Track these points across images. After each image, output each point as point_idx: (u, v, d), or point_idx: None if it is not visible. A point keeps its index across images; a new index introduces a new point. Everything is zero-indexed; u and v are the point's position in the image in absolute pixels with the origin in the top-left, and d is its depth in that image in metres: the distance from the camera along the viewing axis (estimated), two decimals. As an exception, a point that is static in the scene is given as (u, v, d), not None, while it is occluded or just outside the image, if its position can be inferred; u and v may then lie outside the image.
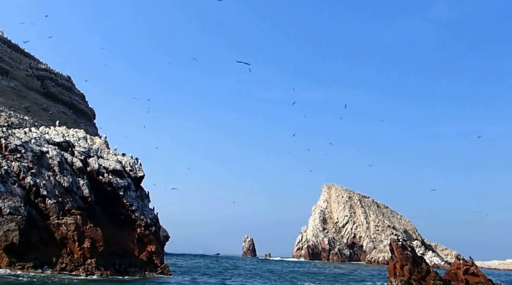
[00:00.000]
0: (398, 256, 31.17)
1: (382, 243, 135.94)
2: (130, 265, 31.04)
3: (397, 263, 31.07)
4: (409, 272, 30.25)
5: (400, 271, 30.72)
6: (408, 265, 30.56)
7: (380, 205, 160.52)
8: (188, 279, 30.60)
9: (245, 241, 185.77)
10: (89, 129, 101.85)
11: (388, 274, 32.19)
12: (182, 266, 50.57)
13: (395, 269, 31.15)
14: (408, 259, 30.77)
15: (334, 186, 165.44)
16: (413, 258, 31.08)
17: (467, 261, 33.15)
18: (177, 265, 50.01)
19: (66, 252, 28.05)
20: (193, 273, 38.43)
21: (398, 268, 30.90)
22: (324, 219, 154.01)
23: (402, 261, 30.81)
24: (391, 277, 31.32)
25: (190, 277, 34.19)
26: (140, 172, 35.58)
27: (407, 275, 30.22)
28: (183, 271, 40.75)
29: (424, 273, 30.75)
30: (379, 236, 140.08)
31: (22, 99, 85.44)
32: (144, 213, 33.67)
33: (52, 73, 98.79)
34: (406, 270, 30.42)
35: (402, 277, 30.33)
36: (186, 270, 42.51)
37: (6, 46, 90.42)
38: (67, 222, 28.66)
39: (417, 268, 30.79)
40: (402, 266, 30.71)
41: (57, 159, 31.89)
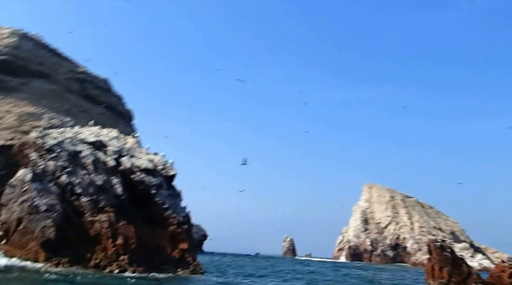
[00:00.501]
0: (436, 257, 30.41)
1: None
2: (162, 263, 31.73)
3: (436, 265, 30.31)
4: (449, 274, 29.35)
5: (438, 273, 29.92)
6: (448, 267, 29.64)
7: (424, 205, 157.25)
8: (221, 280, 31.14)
9: (285, 241, 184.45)
10: (127, 130, 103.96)
11: (426, 275, 31.58)
12: (217, 265, 51.11)
13: (433, 271, 30.46)
14: (448, 261, 29.86)
15: (375, 185, 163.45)
16: (452, 259, 30.22)
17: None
18: (213, 264, 50.63)
19: (100, 248, 29.06)
20: (227, 273, 38.99)
21: (437, 269, 30.10)
22: (365, 219, 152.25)
23: (441, 262, 29.97)
24: (429, 279, 30.60)
25: (223, 276, 34.75)
26: (172, 171, 36.39)
27: (447, 277, 29.36)
28: (218, 270, 41.36)
29: (465, 275, 29.79)
30: (424, 237, 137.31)
31: (63, 102, 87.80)
32: (176, 211, 34.41)
33: (90, 76, 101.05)
34: (445, 272, 29.53)
35: (441, 280, 29.53)
36: (221, 269, 43.06)
37: (46, 51, 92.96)
38: (101, 219, 29.72)
39: (457, 270, 29.82)
40: (441, 268, 29.87)
41: (91, 158, 33.06)
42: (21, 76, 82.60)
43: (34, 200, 28.49)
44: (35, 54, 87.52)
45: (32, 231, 27.78)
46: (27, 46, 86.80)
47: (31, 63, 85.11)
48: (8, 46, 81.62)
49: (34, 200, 28.52)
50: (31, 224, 27.90)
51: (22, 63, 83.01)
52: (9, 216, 28.91)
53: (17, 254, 27.68)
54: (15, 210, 28.78)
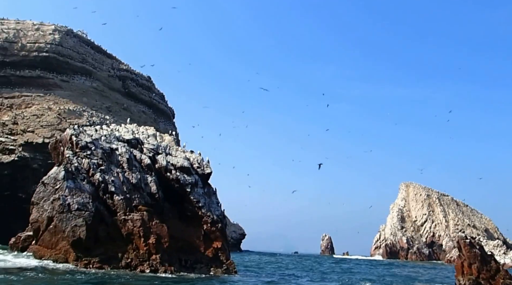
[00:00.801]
0: (465, 254, 29.42)
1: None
2: (196, 261, 30.68)
3: (465, 261, 29.31)
4: (478, 271, 28.41)
5: (468, 269, 28.95)
6: (477, 263, 28.71)
7: (459, 203, 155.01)
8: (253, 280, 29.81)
9: (323, 240, 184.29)
10: (168, 128, 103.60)
11: (455, 272, 30.50)
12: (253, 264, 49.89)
13: (462, 268, 29.43)
14: (477, 257, 28.90)
15: (412, 184, 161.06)
16: (481, 256, 29.19)
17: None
18: (249, 264, 49.39)
19: (132, 247, 28.03)
20: (261, 273, 37.74)
21: (466, 266, 29.14)
22: (402, 217, 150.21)
23: (470, 259, 29.03)
24: (458, 276, 29.54)
25: (256, 276, 33.52)
26: (208, 169, 35.22)
27: (475, 273, 28.42)
28: (253, 270, 40.19)
29: (494, 271, 28.72)
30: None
31: (104, 99, 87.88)
32: (211, 209, 33.26)
33: (133, 74, 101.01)
34: (474, 268, 28.60)
35: (470, 276, 28.55)
36: (256, 269, 41.86)
37: (89, 48, 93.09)
38: (134, 218, 28.66)
39: (486, 266, 28.91)
40: (470, 265, 28.92)
41: (126, 156, 32.06)
42: (63, 73, 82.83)
43: (66, 199, 27.50)
44: (77, 51, 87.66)
45: (62, 230, 26.81)
46: (70, 43, 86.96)
47: (73, 60, 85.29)
48: (50, 43, 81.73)
49: (66, 198, 27.54)
50: (61, 223, 26.92)
51: (64, 60, 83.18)
52: (39, 215, 28.00)
53: (46, 254, 26.84)
54: (46, 209, 27.85)
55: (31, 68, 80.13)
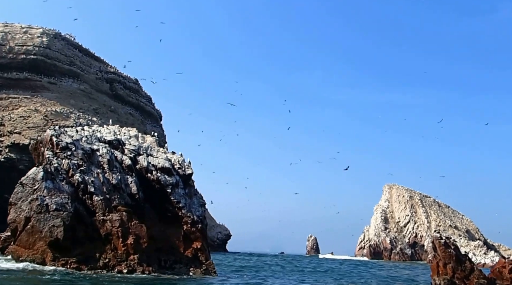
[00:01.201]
0: (440, 254, 29.39)
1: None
2: (175, 262, 30.28)
3: (440, 261, 29.25)
4: (452, 271, 28.37)
5: (443, 269, 28.88)
6: (451, 263, 28.66)
7: (441, 205, 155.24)
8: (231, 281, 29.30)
9: (309, 240, 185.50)
10: (155, 130, 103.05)
11: (431, 272, 30.43)
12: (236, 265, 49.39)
13: (438, 268, 29.37)
14: (451, 257, 28.86)
15: (395, 185, 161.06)
16: (456, 256, 29.16)
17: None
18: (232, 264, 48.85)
19: (110, 248, 27.58)
20: (241, 274, 37.31)
21: (441, 266, 29.07)
22: (385, 218, 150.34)
23: (445, 259, 28.98)
24: (434, 276, 29.48)
25: (236, 277, 33.09)
26: (189, 170, 34.81)
27: (450, 273, 28.34)
28: (234, 271, 39.78)
29: (468, 271, 28.68)
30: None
31: (91, 101, 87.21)
32: (192, 210, 32.85)
33: (120, 76, 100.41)
34: (449, 268, 28.53)
35: (445, 276, 28.47)
36: (238, 270, 41.39)
37: (77, 51, 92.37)
38: (112, 218, 28.19)
39: (461, 266, 28.89)
40: (445, 265, 28.87)
41: (107, 157, 31.56)
42: (51, 75, 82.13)
43: (44, 199, 26.98)
44: (65, 54, 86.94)
45: (40, 230, 26.29)
46: (58, 46, 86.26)
47: (61, 63, 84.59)
48: (38, 46, 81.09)
49: (44, 198, 27.01)
50: (39, 224, 26.38)
51: (52, 63, 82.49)
52: (17, 215, 27.46)
53: (24, 254, 26.29)
54: (23, 209, 27.31)
55: (19, 70, 79.43)
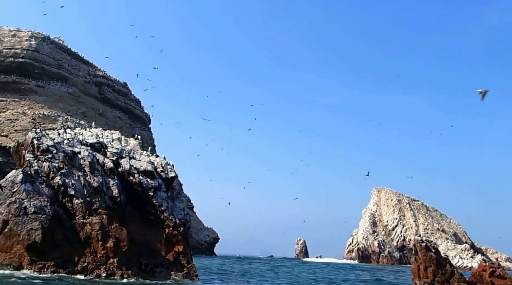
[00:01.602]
0: (421, 257, 29.64)
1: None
2: (156, 265, 30.01)
3: (421, 265, 29.53)
4: (433, 274, 28.85)
5: (424, 273, 29.16)
6: (432, 266, 29.06)
7: (429, 208, 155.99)
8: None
9: (298, 244, 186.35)
10: (144, 134, 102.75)
11: (412, 276, 30.49)
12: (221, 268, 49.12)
13: (419, 271, 29.53)
14: (432, 261, 29.24)
15: (383, 189, 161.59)
16: (437, 259, 29.47)
17: (493, 263, 31.26)
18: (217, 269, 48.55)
19: (89, 251, 27.29)
20: (223, 277, 37.07)
21: (422, 269, 29.34)
22: (374, 221, 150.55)
23: (426, 262, 29.32)
24: (415, 279, 29.76)
25: (219, 282, 32.86)
26: (172, 173, 34.55)
27: (431, 277, 28.79)
28: (217, 274, 39.54)
29: (448, 274, 29.26)
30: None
31: (79, 105, 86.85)
32: (174, 213, 32.57)
33: (109, 80, 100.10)
34: (429, 271, 28.94)
35: (426, 279, 28.84)
36: (223, 274, 41.09)
37: (66, 54, 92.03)
38: (92, 221, 27.91)
39: (441, 269, 29.18)
40: (426, 268, 29.16)
41: (88, 160, 31.25)
42: (39, 78, 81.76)
43: (22, 202, 26.66)
44: (54, 57, 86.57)
45: (17, 233, 25.94)
46: (47, 49, 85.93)
47: (50, 66, 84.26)
48: (26, 49, 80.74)
49: (23, 201, 26.69)
50: (17, 227, 26.05)
51: (40, 66, 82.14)
52: (-6, 218, 27.07)
53: (1, 258, 25.86)
54: (1, 212, 26.91)
55: (7, 73, 79.00)
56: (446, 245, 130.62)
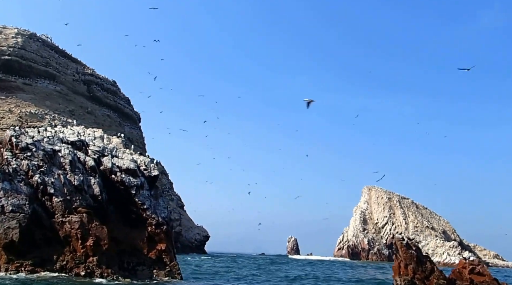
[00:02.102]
0: (402, 255, 29.38)
1: (420, 243, 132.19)
2: (138, 264, 29.64)
3: (402, 262, 29.26)
4: (413, 271, 28.45)
5: (404, 270, 28.92)
6: (412, 264, 28.72)
7: (419, 206, 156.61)
8: None
9: (289, 241, 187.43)
10: (133, 132, 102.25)
11: (393, 273, 30.34)
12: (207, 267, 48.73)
13: (399, 268, 29.36)
14: (412, 258, 28.92)
15: (374, 187, 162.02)
16: (417, 257, 29.24)
17: (473, 260, 31.09)
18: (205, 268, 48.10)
19: (69, 250, 26.82)
20: (209, 276, 36.74)
21: (402, 267, 29.10)
22: (364, 219, 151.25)
23: (406, 260, 29.01)
24: (396, 276, 29.47)
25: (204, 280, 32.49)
26: (155, 171, 34.17)
27: (411, 274, 28.39)
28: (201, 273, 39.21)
29: (428, 272, 28.72)
30: (418, 237, 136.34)
31: (67, 103, 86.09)
32: (157, 211, 32.20)
33: (98, 78, 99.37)
34: (410, 269, 28.60)
35: (406, 276, 28.51)
36: (209, 273, 40.68)
37: (53, 52, 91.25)
38: (72, 220, 27.44)
39: (421, 267, 28.97)
40: (406, 265, 28.92)
41: (69, 158, 30.77)
42: (26, 76, 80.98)
43: (0, 200, 26.14)
44: (41, 55, 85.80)
45: (-6, 232, 25.46)
46: (34, 47, 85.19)
47: (37, 64, 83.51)
48: (13, 47, 79.90)
49: (0, 200, 26.23)
50: (-7, 226, 25.57)
51: (27, 64, 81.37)
52: (-30, 217, 26.57)
53: (-24, 257, 25.41)
54: (-23, 211, 26.42)
55: (-7, 71, 78.15)
56: (435, 242, 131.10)
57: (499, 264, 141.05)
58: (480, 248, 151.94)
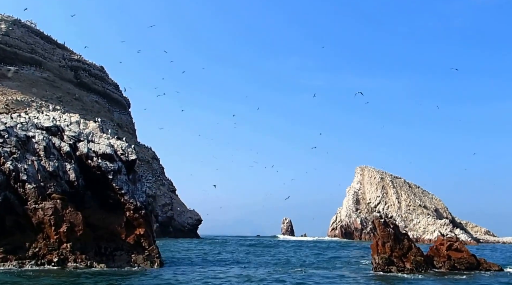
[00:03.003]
0: (380, 233, 29.51)
1: (412, 222, 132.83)
2: (116, 249, 29.34)
3: (379, 241, 29.28)
4: (391, 249, 28.72)
5: (382, 248, 28.97)
6: (390, 242, 28.97)
7: (411, 185, 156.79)
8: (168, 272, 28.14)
9: (284, 223, 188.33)
10: (123, 118, 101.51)
11: (372, 251, 30.21)
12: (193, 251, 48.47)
13: (377, 247, 29.28)
14: (390, 236, 29.13)
15: (367, 167, 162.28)
16: (395, 235, 29.40)
17: (451, 237, 32.05)
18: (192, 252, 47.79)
19: (42, 237, 26.44)
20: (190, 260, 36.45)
21: (380, 245, 29.14)
22: (357, 199, 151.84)
23: (384, 238, 29.19)
24: (374, 255, 29.68)
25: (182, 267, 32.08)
26: (133, 156, 33.64)
27: (389, 252, 28.74)
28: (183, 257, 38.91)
29: (406, 249, 29.06)
30: (410, 215, 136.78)
31: (54, 90, 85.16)
32: (135, 196, 31.77)
33: (85, 64, 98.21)
34: (387, 247, 28.89)
35: (384, 254, 28.61)
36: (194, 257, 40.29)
37: (39, 38, 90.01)
38: (45, 207, 26.98)
39: (399, 245, 29.13)
40: (384, 243, 28.97)
41: (43, 144, 30.21)
42: (11, 63, 79.88)
43: (-31, 188, 25.67)
44: (26, 41, 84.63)
45: (-37, 220, 25.00)
46: (18, 33, 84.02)
47: (22, 51, 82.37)
48: (-4, 34, 78.75)
49: (-30, 188, 25.70)
50: (-37, 214, 25.11)
51: (12, 51, 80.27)
52: None
53: None
54: None
55: (-23, 59, 77.14)
56: (426, 221, 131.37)
57: (490, 240, 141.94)
58: (472, 225, 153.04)
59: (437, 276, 26.55)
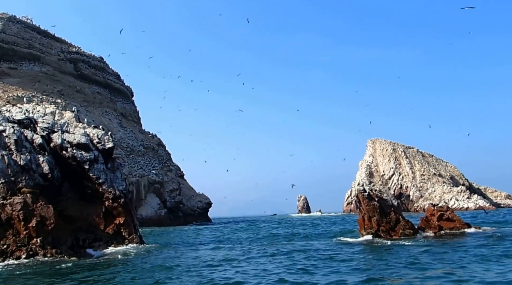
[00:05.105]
0: (364, 207, 27.89)
1: (428, 191, 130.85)
2: (95, 240, 28.57)
3: (365, 215, 27.68)
4: (377, 223, 27.16)
5: (368, 223, 27.39)
6: (376, 216, 27.44)
7: (425, 154, 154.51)
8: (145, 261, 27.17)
9: (299, 200, 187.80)
10: (126, 107, 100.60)
11: (359, 227, 28.78)
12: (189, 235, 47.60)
13: (364, 222, 27.77)
14: (375, 210, 27.59)
15: (378, 140, 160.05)
16: (380, 208, 27.67)
17: (442, 206, 30.62)
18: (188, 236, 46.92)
19: (11, 233, 25.42)
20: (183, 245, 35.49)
21: (366, 220, 27.56)
22: (370, 172, 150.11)
23: (369, 212, 27.72)
24: (361, 230, 28.15)
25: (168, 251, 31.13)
26: (109, 144, 32.63)
27: (375, 226, 27.33)
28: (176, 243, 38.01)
29: (393, 223, 27.64)
30: (425, 185, 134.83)
31: (55, 84, 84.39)
32: (114, 185, 30.85)
33: (84, 56, 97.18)
34: (374, 221, 27.42)
35: (370, 229, 27.12)
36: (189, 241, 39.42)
37: (35, 33, 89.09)
38: (14, 202, 25.96)
39: (386, 218, 27.47)
40: (369, 218, 27.37)
41: (14, 137, 29.19)
42: (10, 60, 79.19)
43: None
44: (23, 37, 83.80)
45: None
46: (14, 30, 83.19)
47: (19, 47, 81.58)
48: (-9, 31, 78.00)
49: None
50: None
51: (9, 47, 79.51)
52: None
53: None
54: None
55: (-25, 58, 76.53)
56: (442, 189, 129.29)
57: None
58: (491, 190, 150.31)
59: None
